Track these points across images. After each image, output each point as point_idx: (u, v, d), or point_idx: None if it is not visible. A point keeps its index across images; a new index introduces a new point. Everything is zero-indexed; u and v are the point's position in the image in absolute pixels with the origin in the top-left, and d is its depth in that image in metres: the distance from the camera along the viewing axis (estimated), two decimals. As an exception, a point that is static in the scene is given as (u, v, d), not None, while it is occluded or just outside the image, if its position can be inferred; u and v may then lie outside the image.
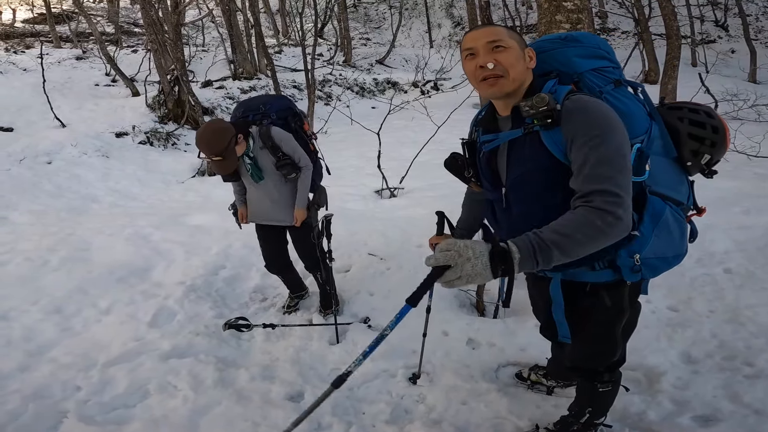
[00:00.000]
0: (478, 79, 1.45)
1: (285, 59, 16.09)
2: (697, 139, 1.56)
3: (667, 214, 1.48)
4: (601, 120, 1.35)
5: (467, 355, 2.67)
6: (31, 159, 7.50)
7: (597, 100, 1.41)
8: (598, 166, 1.31)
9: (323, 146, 10.52)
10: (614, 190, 1.28)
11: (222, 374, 2.63)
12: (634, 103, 1.51)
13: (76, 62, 13.23)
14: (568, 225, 1.28)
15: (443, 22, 21.13)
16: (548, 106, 1.37)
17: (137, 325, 3.08)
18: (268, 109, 2.84)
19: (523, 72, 1.45)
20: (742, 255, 3.22)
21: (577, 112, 1.36)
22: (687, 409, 2.10)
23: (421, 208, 5.05)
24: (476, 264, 1.19)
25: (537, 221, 1.44)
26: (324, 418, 2.31)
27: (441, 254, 1.21)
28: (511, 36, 1.46)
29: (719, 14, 19.18)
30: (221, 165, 2.59)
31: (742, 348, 2.44)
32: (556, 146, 1.40)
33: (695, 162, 1.57)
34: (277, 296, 3.54)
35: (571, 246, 1.25)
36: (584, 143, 1.33)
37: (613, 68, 1.56)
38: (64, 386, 2.55)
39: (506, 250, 1.21)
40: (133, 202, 6.55)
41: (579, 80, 1.51)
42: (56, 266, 3.84)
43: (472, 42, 1.45)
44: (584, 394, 1.89)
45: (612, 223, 1.27)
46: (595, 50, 1.55)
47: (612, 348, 1.70)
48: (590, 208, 1.28)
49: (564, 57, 1.54)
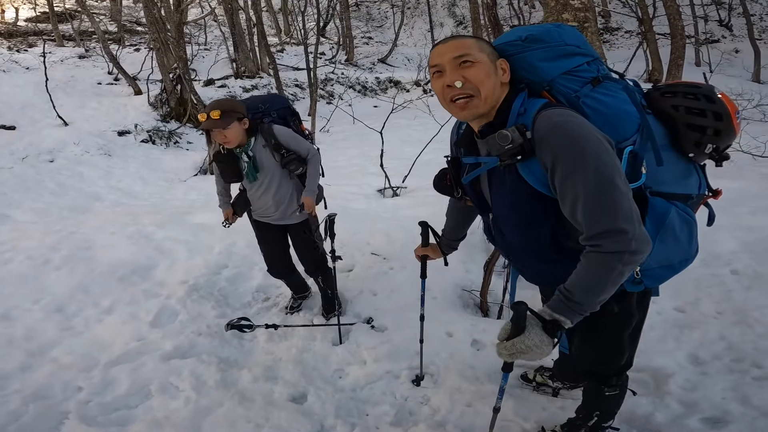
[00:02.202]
0: (447, 99, 1.34)
1: (287, 58, 16.10)
2: (698, 129, 1.38)
3: (673, 215, 1.36)
4: (579, 143, 1.20)
5: (472, 357, 2.64)
6: (33, 157, 7.51)
7: (569, 115, 1.25)
8: (591, 204, 1.21)
9: (325, 145, 10.53)
10: (618, 227, 1.19)
11: (224, 375, 2.61)
12: (617, 99, 1.35)
13: (79, 61, 13.25)
14: (592, 278, 1.25)
15: (445, 21, 21.09)
16: (513, 144, 1.26)
17: (139, 324, 3.07)
18: (268, 107, 2.82)
19: (495, 88, 1.32)
20: (750, 256, 3.18)
21: (549, 137, 1.23)
22: (695, 410, 2.08)
23: (424, 207, 5.02)
24: (542, 351, 1.27)
25: (531, 251, 1.49)
26: (327, 419, 2.30)
27: (509, 356, 1.29)
28: (481, 48, 1.32)
29: (723, 14, 19.10)
30: (217, 122, 2.46)
31: (751, 350, 2.41)
32: (534, 178, 1.30)
33: (698, 152, 1.41)
34: (279, 296, 3.52)
35: (604, 293, 1.27)
36: (566, 176, 1.22)
37: (588, 63, 1.38)
38: (65, 386, 2.54)
39: (557, 323, 1.29)
40: (136, 201, 6.54)
41: (551, 87, 1.36)
42: (58, 265, 3.82)
43: (438, 58, 1.33)
44: (592, 398, 1.86)
45: (630, 260, 1.22)
46: (561, 48, 1.37)
47: (619, 353, 1.68)
48: (603, 254, 1.22)
49: (527, 63, 1.36)
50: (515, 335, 1.28)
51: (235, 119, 2.53)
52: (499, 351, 1.32)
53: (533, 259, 1.52)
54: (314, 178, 2.78)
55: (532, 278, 1.66)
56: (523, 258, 1.57)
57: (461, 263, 3.57)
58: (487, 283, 3.18)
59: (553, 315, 1.29)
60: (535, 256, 1.49)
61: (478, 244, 3.81)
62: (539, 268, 1.55)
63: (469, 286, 3.40)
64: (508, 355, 1.29)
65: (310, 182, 2.76)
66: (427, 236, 2.10)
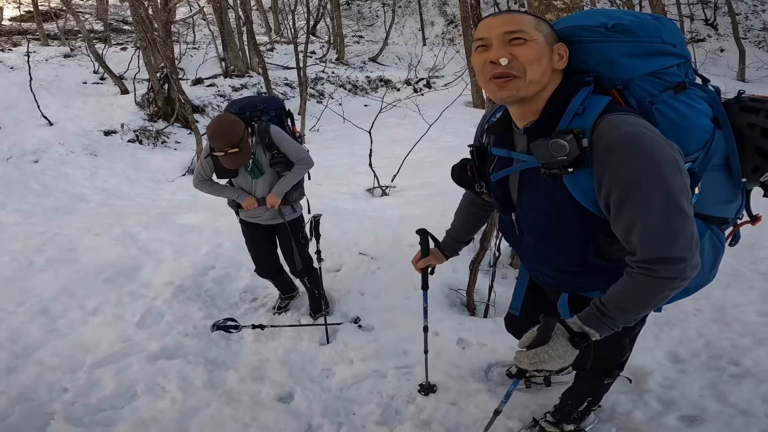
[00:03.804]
0: (486, 77, 1.16)
1: (277, 57, 16.01)
2: (765, 153, 1.23)
3: (705, 240, 1.27)
4: (648, 163, 1.05)
5: (457, 355, 2.67)
6: (18, 158, 7.41)
7: (641, 126, 1.08)
8: (654, 229, 1.09)
9: (315, 144, 10.50)
10: (681, 255, 1.10)
11: (211, 375, 2.61)
12: (694, 110, 1.20)
13: (64, 60, 13.04)
14: (636, 299, 1.18)
15: (436, 20, 21.10)
16: (568, 157, 1.10)
17: (125, 326, 3.05)
18: (266, 106, 2.84)
19: (545, 73, 1.15)
20: (729, 253, 3.20)
21: (612, 152, 1.07)
22: (673, 408, 2.11)
23: (412, 206, 5.05)
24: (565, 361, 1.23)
25: (551, 259, 1.39)
26: (314, 419, 2.31)
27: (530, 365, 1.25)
28: (538, 27, 1.15)
29: (709, 13, 19.32)
30: (237, 157, 2.53)
31: (729, 347, 2.46)
32: (580, 190, 1.15)
33: (752, 178, 1.28)
34: (267, 296, 3.52)
35: (642, 312, 1.22)
36: (629, 197, 1.08)
37: (679, 66, 1.20)
38: (51, 388, 2.54)
39: (586, 335, 1.23)
40: (122, 201, 6.48)
41: (624, 87, 1.18)
42: (43, 267, 3.79)
43: (486, 31, 1.15)
44: (588, 386, 1.88)
45: (679, 285, 1.16)
46: (654, 45, 1.17)
47: (620, 353, 1.71)
48: (655, 278, 1.13)
49: (605, 57, 1.17)
50: (539, 344, 1.23)
51: (246, 139, 2.55)
52: (519, 359, 1.27)
53: (552, 267, 1.43)
54: (288, 182, 2.79)
55: (544, 282, 1.59)
56: (539, 264, 1.48)
57: (449, 262, 3.56)
58: (472, 282, 3.21)
59: (583, 327, 1.23)
60: (556, 265, 1.41)
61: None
62: (555, 277, 1.47)
63: (456, 285, 3.43)
64: (530, 364, 1.25)
65: (282, 183, 2.78)
66: (427, 244, 1.94)
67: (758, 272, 3.10)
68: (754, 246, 3.37)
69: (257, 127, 2.68)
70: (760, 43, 17.72)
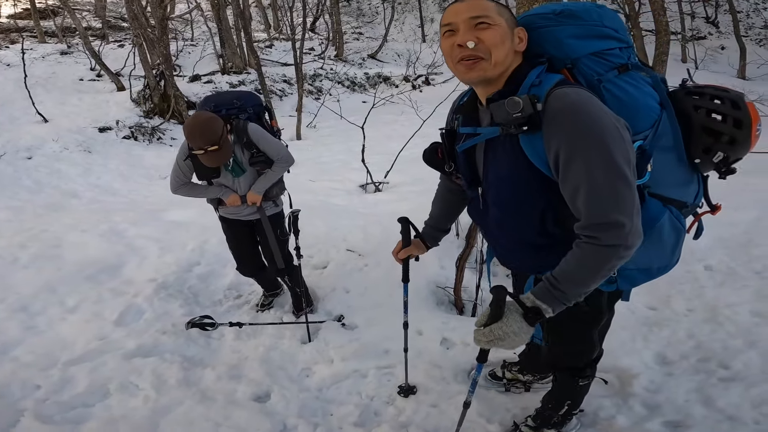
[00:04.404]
0: (455, 59, 1.25)
1: (276, 53, 15.94)
2: (713, 133, 1.31)
3: (664, 220, 1.32)
4: (592, 127, 1.13)
5: (440, 356, 2.59)
6: (11, 154, 7.37)
7: (588, 97, 1.18)
8: (596, 193, 1.15)
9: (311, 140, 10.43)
10: (620, 220, 1.15)
11: (187, 374, 2.55)
12: (641, 91, 1.28)
13: (61, 57, 13.03)
14: (582, 269, 1.22)
15: (436, 17, 20.98)
16: (522, 113, 1.18)
17: (102, 323, 2.99)
18: (243, 103, 2.75)
19: (507, 55, 1.24)
20: (724, 252, 3.16)
21: (561, 116, 1.16)
22: (657, 413, 2.03)
23: (404, 202, 4.97)
24: (520, 338, 1.26)
25: (514, 229, 1.43)
26: (289, 419, 2.25)
27: (486, 344, 1.28)
28: (500, 12, 1.24)
29: (710, 11, 19.19)
30: (217, 155, 2.46)
31: (719, 349, 2.37)
32: (535, 154, 1.23)
33: (705, 160, 1.34)
34: (251, 293, 3.45)
35: (592, 284, 1.25)
36: (573, 159, 1.15)
37: (621, 49, 1.30)
38: (24, 385, 2.49)
39: (539, 310, 1.26)
40: (114, 198, 6.42)
41: (573, 66, 1.28)
42: (26, 264, 3.73)
43: (453, 17, 1.24)
44: (564, 389, 1.86)
45: (625, 254, 1.20)
46: (597, 28, 1.29)
47: (590, 348, 1.70)
48: (598, 246, 1.18)
49: (555, 38, 1.29)
50: (493, 321, 1.27)
51: (226, 136, 2.49)
52: (476, 337, 1.30)
53: (514, 240, 1.46)
54: (269, 180, 2.74)
55: (507, 261, 1.62)
56: (503, 238, 1.51)
57: (436, 259, 3.51)
58: (459, 280, 3.14)
59: (535, 302, 1.26)
60: (518, 237, 1.43)
61: (453, 240, 3.76)
62: (518, 252, 1.49)
63: (443, 282, 3.36)
64: (486, 342, 1.27)
65: (262, 181, 2.72)
66: (408, 233, 1.90)
67: (753, 271, 3.00)
68: (750, 244, 3.28)
69: (234, 126, 2.61)
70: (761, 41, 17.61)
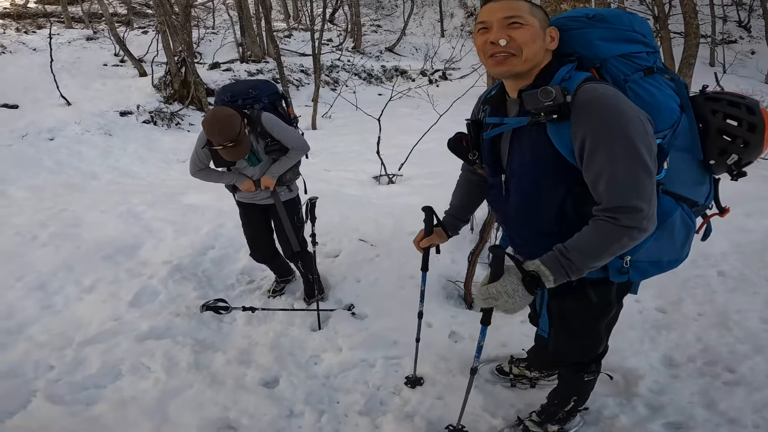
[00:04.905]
0: (486, 54, 1.33)
1: (294, 43, 15.98)
2: (728, 136, 1.39)
3: (676, 216, 1.39)
4: (618, 118, 1.21)
5: (448, 349, 2.61)
6: (33, 135, 7.52)
7: (615, 92, 1.26)
8: (618, 178, 1.22)
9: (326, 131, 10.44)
10: (639, 205, 1.23)
11: (198, 357, 2.60)
12: (663, 93, 1.36)
13: (87, 42, 13.21)
14: (596, 243, 1.29)
15: (456, 12, 20.83)
16: (554, 102, 1.25)
17: (118, 304, 3.06)
18: (258, 93, 2.78)
19: (538, 52, 1.32)
20: (738, 258, 3.12)
21: (588, 107, 1.23)
22: (660, 414, 2.03)
23: (417, 195, 4.97)
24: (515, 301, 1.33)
25: (533, 217, 1.48)
26: (296, 405, 2.28)
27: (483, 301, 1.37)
28: (533, 13, 1.31)
29: (743, 15, 18.69)
30: (235, 150, 2.51)
31: (726, 353, 2.36)
32: (562, 142, 1.29)
33: (719, 161, 1.41)
34: (264, 279, 3.50)
35: (600, 261, 1.32)
36: (599, 148, 1.23)
37: (648, 54, 1.38)
38: (37, 365, 2.53)
39: (538, 276, 1.32)
40: (132, 180, 6.54)
41: (601, 66, 1.36)
42: (45, 242, 3.83)
43: (487, 15, 1.32)
44: (570, 385, 1.88)
45: (638, 237, 1.27)
46: (625, 32, 1.36)
47: (596, 342, 1.70)
48: (617, 226, 1.25)
49: (586, 39, 1.37)
50: (492, 281, 1.35)
51: (244, 131, 2.52)
52: (474, 295, 1.39)
53: (532, 227, 1.50)
54: (284, 166, 2.77)
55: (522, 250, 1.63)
56: (520, 225, 1.55)
57: (448, 253, 3.52)
58: (470, 274, 3.14)
59: (540, 267, 1.32)
60: (536, 223, 1.48)
61: (466, 234, 3.76)
62: (534, 239, 1.51)
63: (454, 276, 3.36)
64: (482, 301, 1.37)
65: (277, 166, 2.76)
66: (431, 223, 1.93)
67: (765, 278, 2.96)
68: (765, 251, 3.23)
69: (249, 116, 2.64)
70: (793, 45, 17.07)
